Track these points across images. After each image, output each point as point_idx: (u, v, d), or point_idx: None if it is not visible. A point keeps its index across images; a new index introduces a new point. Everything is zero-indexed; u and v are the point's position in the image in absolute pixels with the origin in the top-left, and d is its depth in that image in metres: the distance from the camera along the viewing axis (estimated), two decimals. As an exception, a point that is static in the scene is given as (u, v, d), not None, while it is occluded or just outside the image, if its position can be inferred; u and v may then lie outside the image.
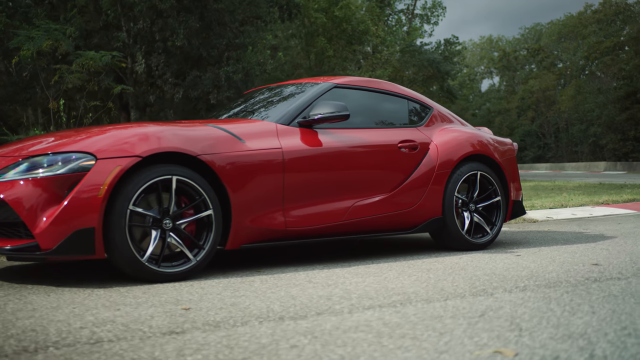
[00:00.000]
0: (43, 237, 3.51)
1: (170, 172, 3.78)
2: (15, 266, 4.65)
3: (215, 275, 4.01)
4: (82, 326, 2.66)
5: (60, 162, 3.63)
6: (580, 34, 69.66)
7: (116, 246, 3.61)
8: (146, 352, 2.25)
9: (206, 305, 3.06)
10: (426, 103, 5.34)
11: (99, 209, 3.56)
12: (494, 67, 76.62)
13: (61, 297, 3.35)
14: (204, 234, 3.94)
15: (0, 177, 3.66)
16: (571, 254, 4.70)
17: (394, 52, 31.56)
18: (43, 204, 3.54)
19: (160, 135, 3.85)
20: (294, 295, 3.30)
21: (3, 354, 2.26)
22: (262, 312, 2.90)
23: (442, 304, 2.99)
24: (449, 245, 5.06)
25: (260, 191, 4.13)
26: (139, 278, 3.74)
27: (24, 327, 2.66)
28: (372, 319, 2.71)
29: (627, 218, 8.19)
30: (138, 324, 2.68)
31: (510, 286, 3.42)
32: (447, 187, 4.94)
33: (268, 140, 4.25)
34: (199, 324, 2.68)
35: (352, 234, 4.63)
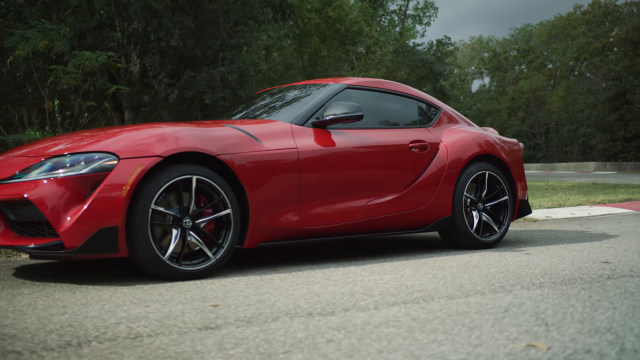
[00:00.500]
0: (67, 235, 3.56)
1: (190, 171, 3.84)
2: (32, 264, 4.71)
3: (233, 273, 4.07)
4: (117, 322, 2.72)
5: (83, 161, 3.69)
6: (570, 34, 70.04)
7: (139, 245, 3.67)
8: (188, 346, 2.31)
9: (233, 302, 3.12)
10: (434, 103, 5.42)
11: (122, 208, 3.62)
12: (485, 67, 76.98)
13: (87, 294, 3.40)
14: (223, 233, 4.00)
15: (23, 177, 3.71)
16: (579, 252, 4.79)
17: (387, 52, 31.69)
18: (67, 203, 3.59)
19: (180, 135, 3.91)
20: (316, 292, 3.37)
21: (49, 347, 2.32)
22: (289, 308, 2.97)
23: (464, 301, 3.06)
24: (458, 244, 5.14)
25: (277, 190, 4.20)
26: (160, 276, 3.80)
27: (61, 322, 2.72)
28: (400, 314, 2.79)
29: (625, 217, 8.30)
30: (171, 320, 2.74)
31: (526, 283, 3.50)
32: (457, 186, 5.03)
33: (284, 140, 4.31)
34: (231, 319, 2.74)
35: (365, 232, 4.70)
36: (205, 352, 2.24)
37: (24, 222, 3.73)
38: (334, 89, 4.83)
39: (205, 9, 21.70)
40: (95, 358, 2.18)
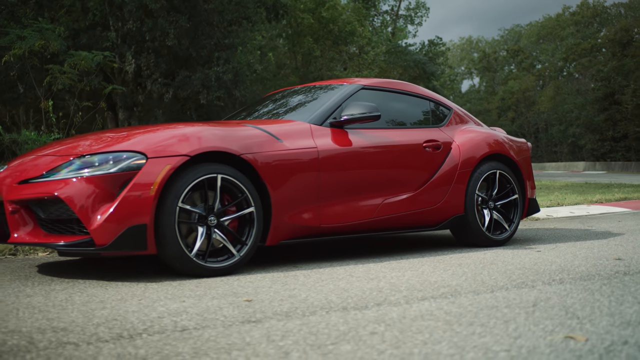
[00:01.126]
0: (98, 233, 3.63)
1: (215, 170, 3.92)
2: (53, 262, 4.77)
3: (256, 270, 4.15)
4: (160, 316, 2.80)
5: (111, 161, 3.76)
6: (559, 35, 70.49)
7: (167, 242, 3.75)
8: (236, 338, 2.39)
9: (265, 298, 3.21)
10: (446, 104, 5.53)
11: (150, 206, 3.69)
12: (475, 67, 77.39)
13: (119, 290, 3.48)
14: (246, 230, 4.08)
15: (53, 176, 3.78)
16: (589, 249, 4.91)
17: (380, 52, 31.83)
18: (97, 201, 3.67)
19: (205, 135, 3.99)
20: (344, 288, 3.46)
21: (102, 339, 2.40)
22: (322, 303, 3.05)
23: (491, 296, 3.16)
24: (470, 242, 5.24)
25: (298, 189, 4.28)
26: (186, 273, 3.87)
27: (104, 316, 2.80)
28: (432, 309, 2.88)
29: (624, 216, 8.44)
30: (211, 314, 2.83)
31: (547, 279, 3.60)
32: (469, 185, 5.13)
33: (303, 140, 4.40)
34: (269, 314, 2.83)
35: (381, 230, 4.79)
36: (255, 343, 2.33)
37: (54, 220, 3.80)
38: (349, 90, 4.92)
39: (200, 8, 21.74)
40: (151, 349, 2.26)
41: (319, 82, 5.48)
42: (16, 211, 3.83)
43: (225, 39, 22.65)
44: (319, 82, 5.56)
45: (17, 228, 3.84)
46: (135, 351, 2.24)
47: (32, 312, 2.95)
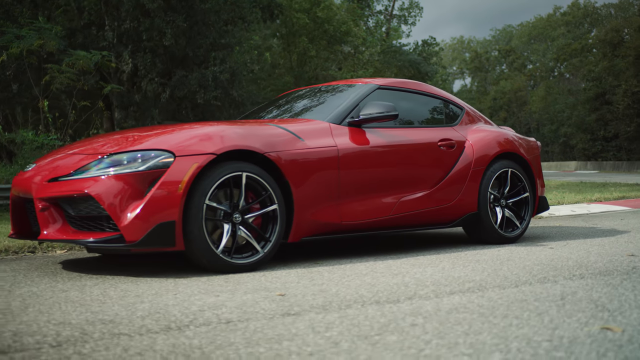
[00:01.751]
0: (128, 229, 3.70)
1: (240, 168, 4.00)
2: (74, 259, 4.84)
3: (279, 267, 4.23)
4: (200, 309, 2.87)
5: (140, 159, 3.83)
6: (550, 35, 70.83)
7: (194, 238, 3.82)
8: (282, 329, 2.47)
9: (297, 292, 3.29)
10: (458, 103, 5.63)
11: (179, 203, 3.77)
12: (467, 67, 77.66)
13: (151, 286, 3.55)
14: (270, 227, 4.16)
15: (82, 174, 3.85)
16: (600, 246, 5.01)
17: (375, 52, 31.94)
18: (127, 198, 3.74)
19: (229, 134, 4.07)
20: (370, 283, 3.54)
21: (152, 330, 2.47)
22: (355, 297, 3.14)
23: (517, 290, 3.25)
24: (482, 239, 5.34)
25: (319, 187, 4.37)
26: (212, 269, 3.95)
27: (147, 310, 2.87)
28: (463, 302, 2.97)
29: (625, 214, 8.56)
30: (250, 307, 2.90)
31: (567, 274, 3.70)
32: (482, 183, 5.23)
33: (324, 139, 4.48)
34: (306, 307, 2.91)
35: (398, 228, 4.88)
36: (302, 334, 2.41)
37: (83, 217, 3.87)
38: (366, 89, 5.01)
39: (196, 8, 21.79)
40: (203, 339, 2.34)
41: (333, 82, 5.57)
42: (46, 208, 3.90)
43: (221, 38, 22.71)
44: (333, 82, 5.64)
45: (47, 225, 3.91)
46: (188, 341, 2.32)
47: (73, 305, 3.02)
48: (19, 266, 4.47)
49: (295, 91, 5.81)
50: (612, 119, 49.29)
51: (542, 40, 72.28)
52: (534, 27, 74.44)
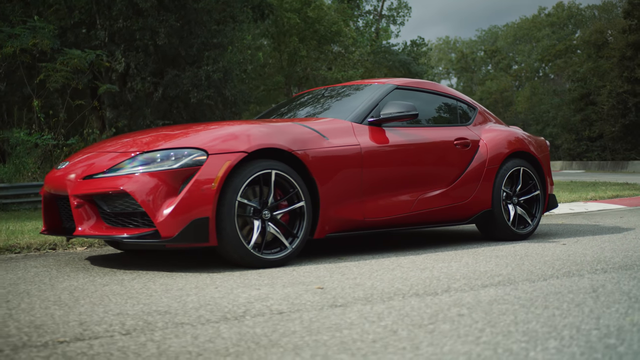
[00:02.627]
0: (164, 226, 3.80)
1: (270, 166, 4.10)
2: (101, 255, 4.92)
3: (305, 262, 4.34)
4: (248, 301, 2.98)
5: (173, 157, 3.93)
6: (535, 36, 71.33)
7: (227, 235, 3.92)
8: (337, 319, 2.58)
9: (334, 286, 3.39)
10: (471, 103, 5.76)
11: (212, 200, 3.87)
12: (453, 68, 78.08)
13: (189, 280, 3.65)
14: (297, 224, 4.27)
15: (117, 171, 3.94)
16: (611, 242, 5.16)
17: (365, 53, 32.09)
18: (162, 195, 3.83)
19: (260, 132, 4.17)
20: (402, 277, 3.66)
21: (211, 320, 2.57)
22: (392, 290, 3.25)
23: (547, 283, 3.38)
24: (495, 236, 5.48)
25: (343, 184, 4.48)
26: (243, 264, 4.05)
27: (196, 302, 2.97)
28: (500, 294, 3.09)
29: (623, 212, 8.74)
30: (296, 300, 3.01)
31: (590, 269, 3.83)
32: (496, 181, 5.36)
33: (347, 137, 4.60)
34: (349, 299, 3.02)
35: (417, 225, 5.01)
36: (358, 323, 2.52)
37: (117, 213, 3.95)
38: (385, 89, 5.13)
39: (189, 7, 21.82)
40: (265, 328, 2.44)
41: (349, 83, 5.68)
42: (81, 205, 3.98)
43: (213, 38, 22.76)
44: (348, 82, 5.76)
45: (81, 222, 3.99)
46: (251, 330, 2.42)
47: (122, 298, 3.11)
48: (47, 262, 4.55)
49: (311, 91, 5.91)
50: (597, 120, 49.77)
51: (527, 41, 72.84)
52: (519, 28, 74.99)
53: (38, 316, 2.75)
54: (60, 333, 2.43)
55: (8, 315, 2.77)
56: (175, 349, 2.18)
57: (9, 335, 2.40)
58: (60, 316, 2.73)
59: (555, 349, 2.11)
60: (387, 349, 2.15)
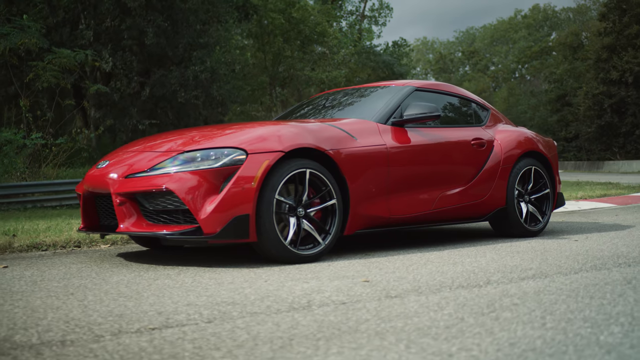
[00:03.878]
0: (207, 222, 3.93)
1: (305, 165, 4.26)
2: (130, 252, 5.03)
3: (337, 258, 4.50)
4: (305, 293, 3.12)
5: (213, 156, 4.06)
6: (511, 38, 72.09)
7: (265, 231, 4.07)
8: (401, 308, 2.74)
9: (378, 279, 3.55)
10: (485, 105, 5.96)
11: (252, 198, 4.01)
12: (431, 68, 78.67)
13: (234, 274, 3.79)
14: (329, 221, 4.42)
15: (159, 170, 4.07)
16: (620, 239, 5.37)
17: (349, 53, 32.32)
18: (204, 193, 3.97)
19: (294, 132, 4.32)
20: (439, 271, 3.83)
21: (282, 310, 2.72)
22: (436, 282, 3.41)
23: (579, 276, 3.57)
24: (508, 233, 5.68)
25: (371, 183, 4.64)
26: (280, 260, 4.19)
27: (255, 293, 3.11)
28: (540, 286, 3.26)
29: (616, 210, 9.00)
30: (349, 292, 3.16)
31: (612, 263, 4.03)
32: (510, 180, 5.56)
33: (373, 137, 4.76)
34: (400, 291, 3.18)
35: (437, 222, 5.19)
36: (423, 312, 2.68)
37: (159, 211, 4.08)
38: (405, 91, 5.30)
39: (176, 8, 21.87)
40: (338, 317, 2.59)
41: (368, 85, 5.85)
42: (123, 203, 4.10)
43: (199, 38, 22.84)
44: (367, 84, 5.93)
45: (124, 219, 4.11)
46: (326, 318, 2.58)
47: (181, 291, 3.25)
48: (81, 259, 4.66)
49: (329, 93, 6.07)
50: (573, 120, 50.47)
51: (504, 42, 73.66)
52: (496, 30, 75.82)
53: (112, 307, 2.87)
54: (146, 321, 2.56)
55: (83, 306, 2.90)
56: (265, 335, 2.33)
57: (98, 323, 2.53)
58: (133, 307, 2.86)
59: (620, 333, 2.29)
60: (464, 334, 2.31)
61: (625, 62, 46.71)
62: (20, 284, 3.58)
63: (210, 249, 5.25)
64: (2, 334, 2.40)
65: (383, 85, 5.63)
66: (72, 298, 3.12)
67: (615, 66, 47.58)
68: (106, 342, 2.26)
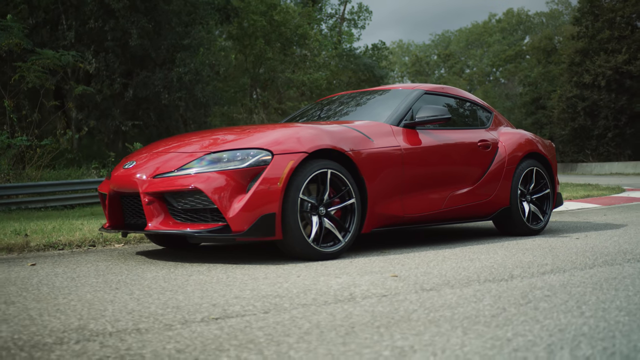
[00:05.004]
0: (235, 221, 4.07)
1: (326, 166, 4.41)
2: (149, 251, 5.14)
3: (354, 256, 4.65)
4: (341, 287, 3.27)
5: (239, 157, 4.20)
6: (486, 41, 72.86)
7: (290, 229, 4.21)
8: (440, 300, 2.90)
9: (407, 274, 3.71)
10: (489, 107, 6.17)
11: (278, 197, 4.15)
12: (407, 71, 79.19)
13: (264, 271, 3.93)
14: (348, 219, 4.58)
15: (186, 170, 4.19)
16: (619, 237, 5.59)
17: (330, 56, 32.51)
18: (232, 192, 4.10)
19: (315, 134, 4.47)
20: (461, 267, 4.00)
21: (328, 302, 2.86)
22: (462, 277, 3.58)
23: (596, 270, 3.75)
24: (511, 231, 5.88)
25: (387, 183, 4.81)
26: (303, 257, 4.34)
27: (295, 287, 3.26)
28: (565, 280, 3.44)
29: (603, 210, 9.27)
30: (384, 285, 3.32)
31: (622, 259, 4.23)
32: (513, 180, 5.77)
33: (388, 139, 4.93)
34: (431, 284, 3.34)
35: (446, 221, 5.37)
36: (463, 303, 2.84)
37: (187, 210, 4.21)
38: (415, 95, 5.48)
39: (160, 9, 21.89)
40: (386, 308, 2.74)
41: (376, 88, 6.02)
42: (151, 202, 4.22)
43: (182, 39, 22.87)
44: (376, 87, 6.09)
45: (152, 218, 4.23)
46: (375, 309, 2.73)
47: (221, 285, 3.38)
48: (101, 257, 4.77)
49: (338, 96, 6.22)
50: (547, 123, 51.26)
51: (479, 45, 74.48)
52: (471, 33, 76.62)
53: (164, 300, 3.00)
54: (205, 312, 2.69)
55: (136, 299, 3.02)
56: (326, 324, 2.47)
57: (160, 314, 2.66)
58: (184, 300, 2.99)
59: (657, 319, 2.48)
60: (511, 322, 2.48)
61: (598, 66, 47.55)
62: (60, 280, 3.69)
63: (221, 247, 5.38)
64: (75, 323, 2.52)
65: (392, 88, 5.80)
66: (120, 292, 3.24)
67: (588, 70, 48.39)
68: (179, 330, 2.39)
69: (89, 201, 15.19)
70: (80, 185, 15.45)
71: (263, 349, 2.13)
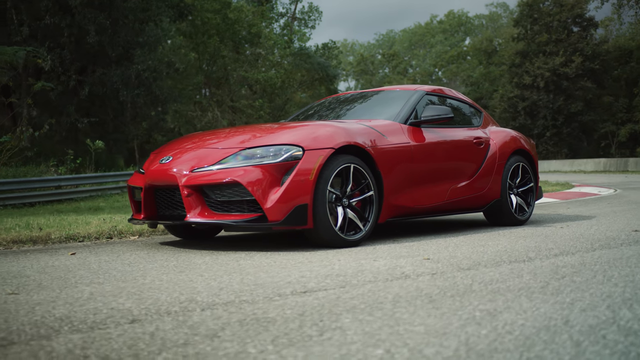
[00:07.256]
0: (272, 211, 4.41)
1: (349, 161, 4.79)
2: (166, 242, 5.42)
3: (372, 244, 5.04)
4: (388, 268, 3.65)
5: (272, 152, 4.55)
6: (429, 42, 74.18)
7: (320, 219, 4.58)
8: (479, 277, 3.30)
9: (438, 257, 4.11)
10: (478, 107, 6.65)
11: (310, 189, 4.51)
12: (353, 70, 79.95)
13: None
14: (367, 210, 4.97)
15: (224, 164, 4.52)
16: (600, 225, 6.12)
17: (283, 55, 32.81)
18: (268, 185, 4.44)
19: (339, 131, 4.85)
20: (477, 251, 4.42)
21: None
22: (486, 259, 4.00)
23: (600, 253, 4.22)
24: (500, 222, 6.37)
25: (400, 176, 5.22)
26: (329, 245, 4.71)
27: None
28: (579, 260, 3.89)
29: (565, 204, 9.88)
30: (422, 266, 3.71)
31: (616, 243, 4.72)
32: (503, 175, 6.26)
33: (400, 136, 5.34)
34: (463, 266, 3.74)
35: (448, 212, 5.81)
36: (508, 278, 3.25)
37: (224, 201, 4.53)
38: (418, 95, 5.91)
39: (117, 6, 21.82)
40: (441, 282, 3.13)
41: (380, 88, 6.44)
42: (190, 194, 4.53)
43: (138, 37, 22.85)
44: (380, 88, 6.50)
45: (190, 209, 4.54)
46: (435, 283, 3.12)
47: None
48: (131, 248, 5.05)
49: (346, 94, 6.64)
50: (489, 122, 52.67)
51: (422, 46, 75.89)
52: (414, 33, 78.01)
53: (239, 279, 3.33)
54: (289, 287, 3.03)
55: (213, 279, 3.34)
56: (404, 295, 2.84)
57: (250, 290, 2.99)
58: (256, 279, 3.32)
59: (681, 287, 2.94)
60: (562, 292, 2.90)
61: (537, 68, 49.14)
62: (116, 266, 3.97)
63: (234, 237, 5.69)
64: (183, 297, 2.84)
65: (396, 89, 6.22)
66: (190, 274, 3.55)
67: (527, 71, 49.95)
68: (283, 300, 2.73)
69: (50, 199, 15.09)
70: (39, 183, 15.31)
71: (372, 312, 2.49)
